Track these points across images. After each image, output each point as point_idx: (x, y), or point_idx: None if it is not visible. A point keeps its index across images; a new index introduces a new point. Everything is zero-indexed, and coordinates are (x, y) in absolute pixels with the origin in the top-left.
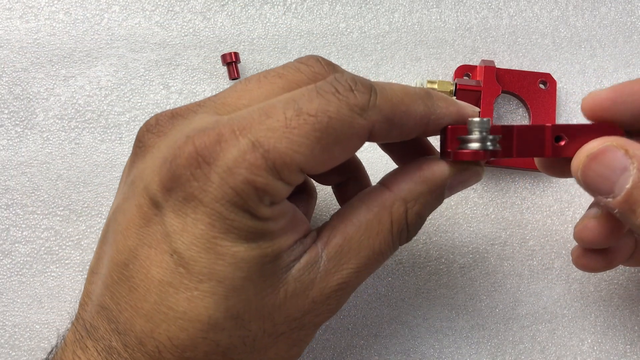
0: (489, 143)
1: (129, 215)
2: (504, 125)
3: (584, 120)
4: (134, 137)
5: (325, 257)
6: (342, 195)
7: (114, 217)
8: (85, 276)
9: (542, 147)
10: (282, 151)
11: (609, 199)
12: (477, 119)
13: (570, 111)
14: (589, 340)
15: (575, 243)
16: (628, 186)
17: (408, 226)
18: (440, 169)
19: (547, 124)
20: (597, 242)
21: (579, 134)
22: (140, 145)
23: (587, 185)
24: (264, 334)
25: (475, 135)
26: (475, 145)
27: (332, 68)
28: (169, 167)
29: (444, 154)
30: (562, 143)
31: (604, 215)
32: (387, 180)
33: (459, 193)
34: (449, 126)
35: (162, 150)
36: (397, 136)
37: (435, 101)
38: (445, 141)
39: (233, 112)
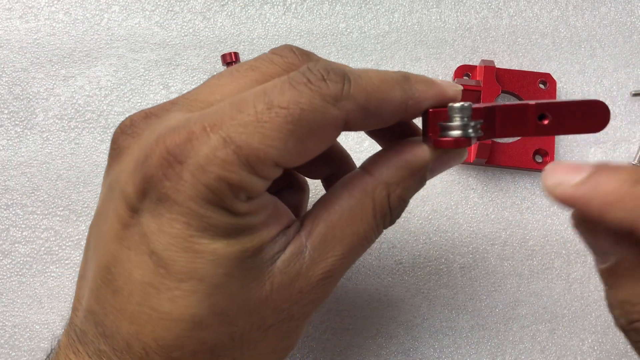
0: (470, 130)
1: (108, 219)
2: (486, 106)
3: None
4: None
5: (310, 246)
6: (331, 184)
7: (95, 221)
8: None
9: (525, 126)
10: (255, 146)
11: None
12: (457, 105)
13: None
14: (589, 340)
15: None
16: (603, 266)
17: (391, 210)
18: (421, 153)
19: (531, 102)
20: None
21: (563, 113)
22: (115, 147)
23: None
24: (252, 327)
25: (457, 122)
26: (456, 133)
27: (307, 57)
28: (142, 168)
29: (425, 135)
30: (546, 122)
31: None
32: (368, 165)
33: (459, 193)
34: (430, 110)
35: (136, 152)
36: (374, 124)
37: (414, 84)
38: (427, 125)
39: (206, 109)
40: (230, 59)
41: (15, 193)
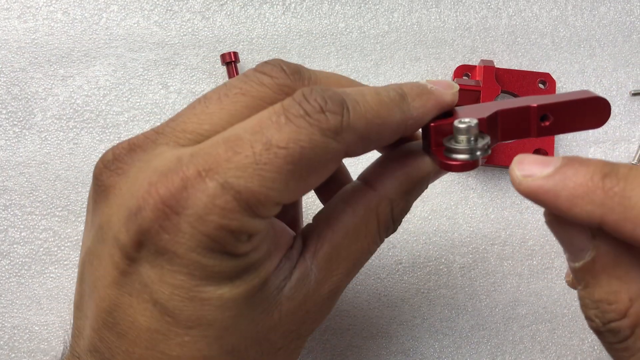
0: (478, 152)
1: (103, 262)
2: (489, 116)
3: None
4: (133, 136)
5: (315, 268)
6: (323, 193)
7: (88, 259)
8: None
9: (527, 129)
10: (255, 190)
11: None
12: (463, 127)
13: None
14: (590, 340)
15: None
16: (578, 265)
17: (394, 222)
18: (425, 166)
19: (533, 103)
20: None
21: (565, 112)
22: (100, 184)
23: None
24: (262, 354)
25: (463, 145)
26: (464, 157)
27: (298, 75)
28: (135, 220)
29: (427, 146)
30: (548, 123)
31: None
32: (370, 178)
33: (459, 193)
34: (431, 125)
35: (126, 196)
36: (374, 148)
37: (411, 103)
38: (428, 139)
39: (195, 142)
40: (229, 59)
41: (13, 193)
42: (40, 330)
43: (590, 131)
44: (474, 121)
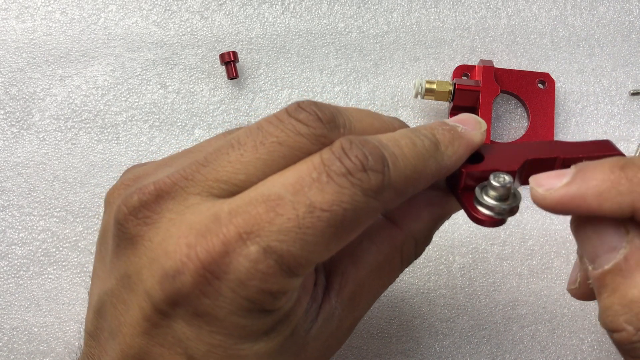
0: (508, 213)
1: (130, 311)
2: (521, 166)
3: (582, 121)
4: (131, 136)
5: (340, 306)
6: None
7: (110, 300)
8: (82, 279)
9: None
10: (297, 254)
11: (589, 266)
12: (499, 185)
13: (569, 111)
14: (589, 340)
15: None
16: (607, 267)
17: (416, 256)
18: (451, 206)
19: (560, 156)
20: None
21: (587, 165)
22: (126, 231)
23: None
24: None
25: (495, 203)
26: (494, 214)
27: (334, 124)
28: (173, 282)
29: (452, 181)
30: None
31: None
32: (394, 215)
33: None
34: (463, 170)
35: (158, 252)
36: (405, 199)
37: (444, 152)
38: (457, 182)
39: (229, 192)
40: (228, 58)
41: (11, 194)
42: (40, 332)
43: (590, 132)
44: (509, 179)
